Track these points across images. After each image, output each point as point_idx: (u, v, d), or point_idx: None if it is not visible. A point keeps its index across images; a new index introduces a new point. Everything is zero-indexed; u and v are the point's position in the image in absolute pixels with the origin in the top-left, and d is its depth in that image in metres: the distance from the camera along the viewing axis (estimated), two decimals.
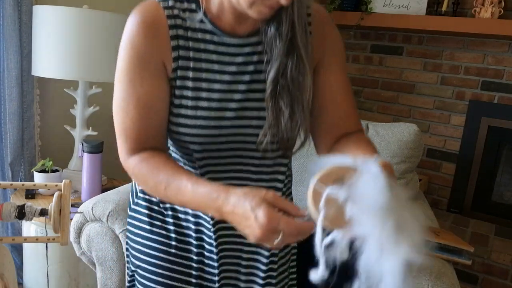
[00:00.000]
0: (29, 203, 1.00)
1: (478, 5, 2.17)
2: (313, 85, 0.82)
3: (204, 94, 0.80)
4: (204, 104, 0.80)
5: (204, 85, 0.80)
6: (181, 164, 0.87)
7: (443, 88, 2.48)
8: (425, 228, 0.60)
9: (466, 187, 2.45)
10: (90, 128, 1.94)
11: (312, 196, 0.62)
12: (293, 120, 0.80)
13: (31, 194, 1.78)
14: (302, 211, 0.64)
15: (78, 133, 1.93)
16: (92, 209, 1.35)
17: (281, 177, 0.89)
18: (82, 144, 1.77)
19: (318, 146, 0.89)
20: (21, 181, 1.95)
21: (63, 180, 1.02)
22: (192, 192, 0.71)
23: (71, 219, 1.40)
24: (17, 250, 1.94)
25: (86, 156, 1.74)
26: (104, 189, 1.71)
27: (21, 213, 0.97)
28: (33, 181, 1.80)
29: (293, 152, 0.87)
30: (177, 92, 0.80)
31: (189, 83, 0.80)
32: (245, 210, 0.63)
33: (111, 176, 2.05)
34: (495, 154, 2.40)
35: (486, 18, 2.14)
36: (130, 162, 0.81)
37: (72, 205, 1.48)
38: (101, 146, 1.77)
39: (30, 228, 1.73)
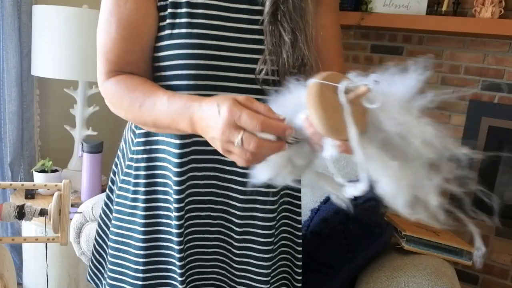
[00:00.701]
0: (28, 203, 1.00)
1: (479, 5, 2.17)
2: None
3: (200, 10, 0.75)
4: (201, 21, 0.74)
5: (200, 0, 0.75)
6: None
7: (443, 88, 2.48)
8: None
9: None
10: (90, 128, 1.94)
11: (313, 93, 0.53)
12: (295, 49, 0.76)
13: (30, 194, 1.78)
14: (278, 114, 0.57)
15: (78, 133, 1.93)
16: (92, 209, 1.35)
17: None
18: (82, 144, 1.77)
19: None
20: (20, 181, 1.95)
21: (63, 180, 1.02)
22: (167, 103, 0.68)
23: (71, 219, 1.40)
24: (17, 250, 1.94)
25: (86, 156, 1.74)
26: (104, 189, 1.71)
27: (21, 213, 0.97)
28: (33, 181, 1.80)
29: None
30: (170, 10, 0.75)
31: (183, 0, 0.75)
32: (212, 110, 0.59)
33: None
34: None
35: (486, 18, 2.13)
36: (106, 85, 0.77)
37: (72, 205, 1.48)
38: (101, 146, 1.77)
39: (29, 228, 1.73)
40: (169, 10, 0.75)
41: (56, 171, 1.81)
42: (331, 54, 0.84)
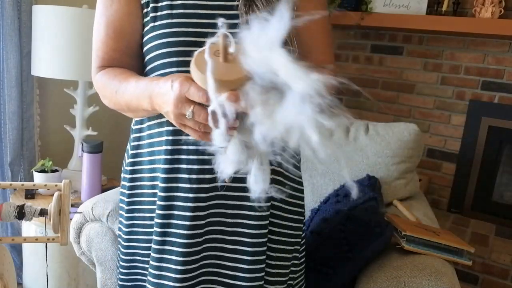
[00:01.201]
0: (28, 203, 1.00)
1: (479, 4, 2.17)
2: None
3: (179, 1, 0.78)
4: (180, 11, 0.78)
5: None
6: None
7: (443, 88, 2.48)
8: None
9: (466, 187, 2.45)
10: (90, 128, 1.94)
11: (191, 64, 0.59)
12: None
13: (30, 194, 1.78)
14: None
15: (78, 133, 1.93)
16: (92, 209, 1.35)
17: None
18: (82, 144, 1.77)
19: None
20: (20, 181, 1.95)
21: (63, 180, 1.01)
22: (135, 86, 0.73)
23: (71, 219, 1.39)
24: (17, 250, 1.94)
25: (86, 156, 1.74)
26: (104, 189, 1.71)
27: (21, 213, 0.97)
28: (33, 181, 1.80)
29: None
30: (152, 4, 0.79)
31: None
32: (166, 86, 0.64)
33: (111, 176, 2.05)
34: (495, 154, 2.40)
35: (486, 18, 2.14)
36: (96, 79, 0.85)
37: (72, 205, 1.48)
38: (101, 146, 1.77)
39: (29, 228, 1.73)
40: (152, 5, 0.79)
41: (56, 171, 1.81)
42: (312, 40, 0.85)
